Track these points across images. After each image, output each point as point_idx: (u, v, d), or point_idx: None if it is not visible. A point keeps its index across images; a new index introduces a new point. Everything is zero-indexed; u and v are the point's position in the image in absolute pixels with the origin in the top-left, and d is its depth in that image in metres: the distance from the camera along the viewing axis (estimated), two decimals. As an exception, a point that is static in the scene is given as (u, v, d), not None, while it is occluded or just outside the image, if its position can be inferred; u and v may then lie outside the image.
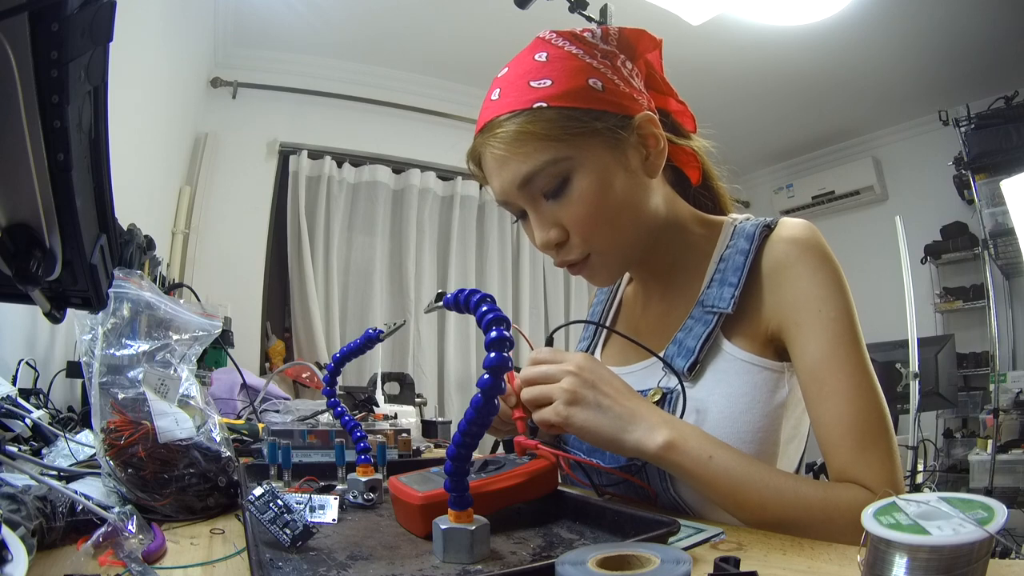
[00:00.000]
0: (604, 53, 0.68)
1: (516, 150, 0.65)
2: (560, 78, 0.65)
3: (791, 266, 0.66)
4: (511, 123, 0.65)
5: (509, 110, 0.65)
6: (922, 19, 2.75)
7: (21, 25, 0.37)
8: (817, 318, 0.63)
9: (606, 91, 0.66)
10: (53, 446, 0.77)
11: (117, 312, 0.66)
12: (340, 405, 0.74)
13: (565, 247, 0.70)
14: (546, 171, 0.65)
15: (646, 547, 0.39)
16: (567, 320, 3.63)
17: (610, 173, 0.66)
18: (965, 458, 3.09)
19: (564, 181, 0.66)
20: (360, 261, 3.22)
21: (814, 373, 0.62)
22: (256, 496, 0.50)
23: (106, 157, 0.48)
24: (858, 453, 0.59)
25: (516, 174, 0.66)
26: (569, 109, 0.64)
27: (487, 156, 0.69)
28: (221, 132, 2.95)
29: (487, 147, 0.68)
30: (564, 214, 0.67)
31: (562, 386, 0.59)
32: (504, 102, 0.66)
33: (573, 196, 0.66)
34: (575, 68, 0.65)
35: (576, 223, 0.67)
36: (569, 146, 0.64)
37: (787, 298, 0.65)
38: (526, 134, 0.64)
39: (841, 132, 3.86)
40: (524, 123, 0.64)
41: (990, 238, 3.12)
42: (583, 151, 0.65)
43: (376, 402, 1.95)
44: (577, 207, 0.66)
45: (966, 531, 0.31)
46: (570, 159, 0.65)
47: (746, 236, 0.70)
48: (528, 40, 0.71)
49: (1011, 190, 2.75)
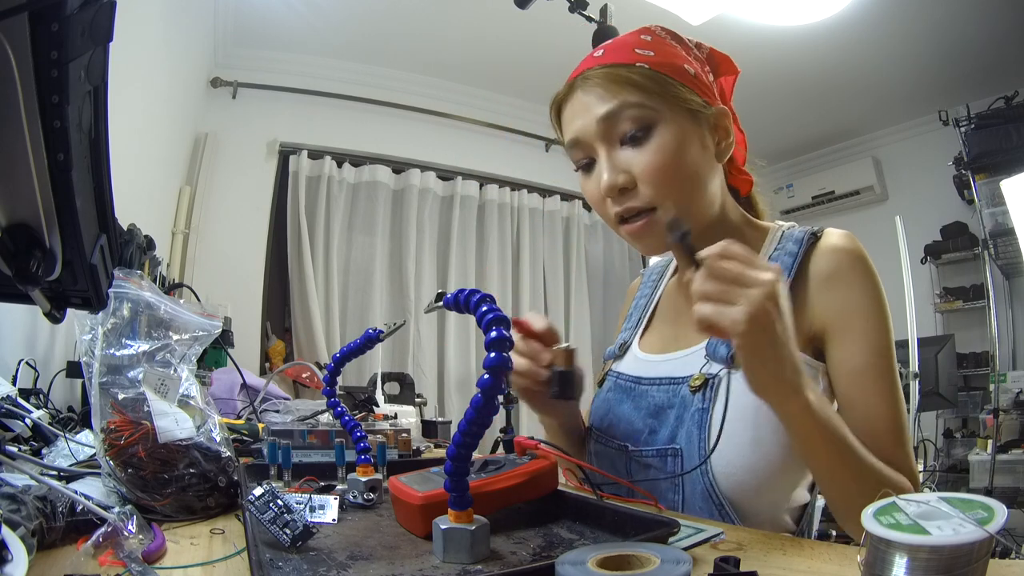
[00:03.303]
0: (696, 57, 0.75)
1: (610, 87, 0.69)
2: (661, 53, 0.71)
3: (843, 274, 0.69)
4: (612, 68, 0.70)
5: (611, 62, 0.71)
6: (922, 19, 2.75)
7: (21, 25, 0.37)
8: (864, 325, 0.67)
9: (697, 78, 0.72)
10: (53, 446, 0.77)
11: (117, 312, 0.66)
12: (340, 405, 0.74)
13: (630, 194, 0.71)
14: (632, 112, 0.69)
15: (646, 547, 0.39)
16: (567, 320, 3.63)
17: (688, 140, 0.70)
18: (965, 458, 3.09)
19: (646, 129, 0.69)
20: (360, 261, 3.22)
21: (858, 377, 0.66)
22: (256, 496, 0.50)
23: (106, 157, 0.48)
24: (896, 449, 0.64)
25: (604, 108, 0.69)
26: (665, 76, 0.70)
27: (575, 96, 0.72)
28: (221, 132, 2.95)
29: (579, 87, 0.72)
30: (638, 161, 0.69)
31: (752, 299, 0.52)
32: (607, 58, 0.72)
33: (652, 146, 0.69)
34: (675, 53, 0.73)
35: (650, 173, 0.69)
36: (659, 101, 0.69)
37: (837, 303, 0.68)
38: (624, 78, 0.69)
39: (841, 132, 3.86)
40: (623, 71, 0.69)
41: (990, 238, 3.12)
42: (670, 111, 0.69)
43: (376, 402, 1.95)
44: (655, 157, 0.69)
45: (966, 531, 0.31)
46: (657, 111, 0.69)
47: (794, 240, 0.73)
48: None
49: (1011, 190, 2.75)
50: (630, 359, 0.85)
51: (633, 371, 0.82)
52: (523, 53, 3.01)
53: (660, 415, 0.74)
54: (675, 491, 0.70)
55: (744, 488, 0.66)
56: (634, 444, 0.75)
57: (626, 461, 0.76)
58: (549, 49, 2.94)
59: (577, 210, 3.78)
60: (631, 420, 0.77)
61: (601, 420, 0.82)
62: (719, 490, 0.67)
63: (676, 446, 0.70)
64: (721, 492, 0.67)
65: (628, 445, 0.75)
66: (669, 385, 0.75)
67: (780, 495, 0.70)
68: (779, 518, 0.70)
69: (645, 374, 0.79)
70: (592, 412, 0.86)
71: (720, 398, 0.67)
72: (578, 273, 3.73)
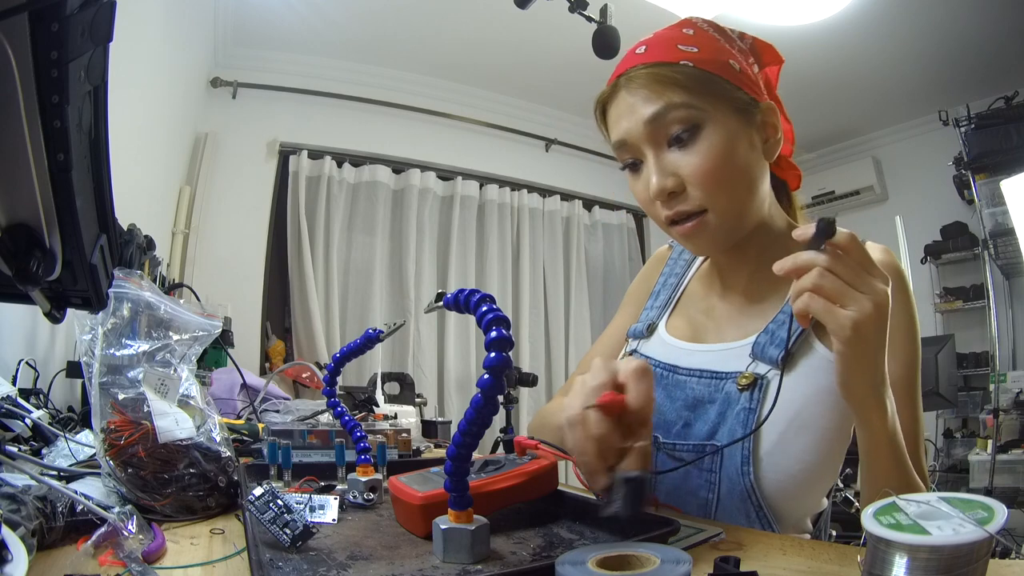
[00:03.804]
0: (739, 49, 0.73)
1: (655, 88, 0.68)
2: (705, 48, 0.69)
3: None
4: (656, 68, 0.68)
5: (654, 60, 0.69)
6: (922, 19, 2.75)
7: (21, 25, 0.37)
8: (899, 343, 0.66)
9: (742, 73, 0.70)
10: (53, 446, 0.77)
11: (117, 312, 0.66)
12: (340, 405, 0.74)
13: (679, 197, 0.69)
14: (678, 113, 0.67)
15: (646, 547, 0.39)
16: (566, 320, 3.63)
17: (737, 139, 0.68)
18: (965, 458, 3.09)
19: (693, 130, 0.67)
20: (360, 261, 3.22)
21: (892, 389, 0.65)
22: (256, 496, 0.50)
23: (106, 157, 0.48)
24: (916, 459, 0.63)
25: (651, 109, 0.68)
26: (711, 74, 0.68)
27: (620, 96, 0.71)
28: (221, 132, 2.95)
29: (624, 87, 0.70)
30: (686, 163, 0.68)
31: (864, 307, 0.50)
32: (650, 55, 0.70)
33: (700, 147, 0.67)
34: (719, 47, 0.70)
35: (699, 175, 0.67)
36: (705, 100, 0.67)
37: None
38: (669, 78, 0.67)
39: (841, 132, 3.86)
40: (668, 70, 0.68)
41: (990, 238, 3.12)
42: (716, 111, 0.68)
43: (376, 402, 1.95)
44: (703, 159, 0.67)
45: (966, 531, 0.31)
46: (704, 111, 0.67)
47: None
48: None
49: (1011, 190, 2.75)
50: (657, 342, 0.82)
51: (665, 357, 0.79)
52: (523, 53, 3.02)
53: (698, 408, 0.72)
54: (710, 489, 0.68)
55: (787, 493, 0.66)
56: (665, 436, 0.72)
57: (656, 453, 0.73)
58: (549, 49, 2.95)
59: (577, 210, 3.78)
60: (662, 410, 0.74)
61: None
62: (761, 493, 0.65)
63: (716, 442, 0.68)
64: (763, 495, 0.65)
65: (659, 436, 0.73)
66: (711, 379, 0.72)
67: (815, 501, 0.71)
68: (803, 523, 0.70)
69: (681, 363, 0.76)
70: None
71: (768, 400, 0.66)
72: (578, 273, 3.73)
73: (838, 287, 0.51)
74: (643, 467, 0.48)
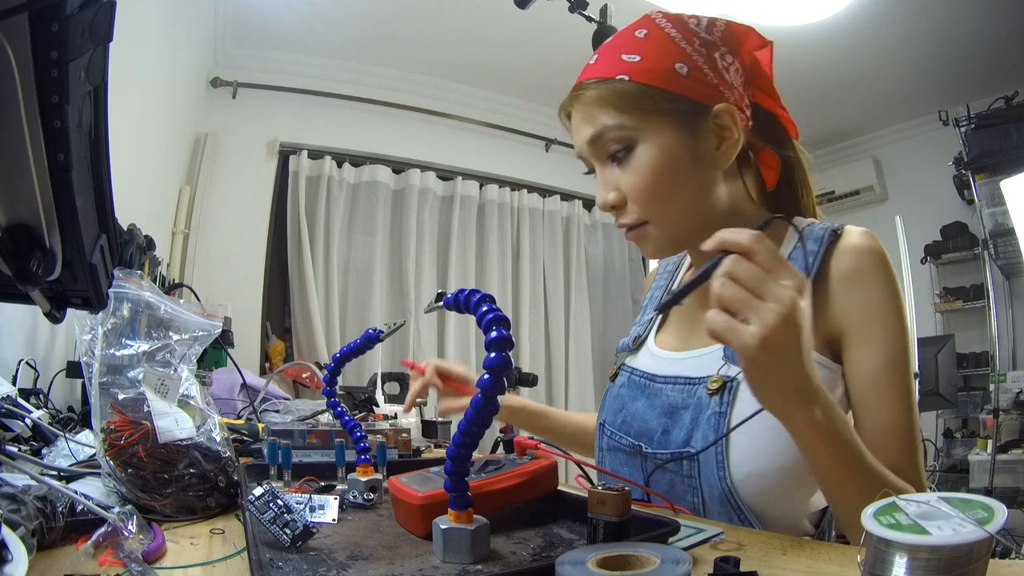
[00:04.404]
0: (703, 42, 0.71)
1: (591, 111, 0.71)
2: (649, 56, 0.69)
3: (862, 275, 0.68)
4: (593, 88, 0.71)
5: (596, 76, 0.71)
6: (922, 19, 2.75)
7: (21, 25, 0.37)
8: (883, 329, 0.66)
9: (690, 77, 0.69)
10: (53, 446, 0.77)
11: (117, 312, 0.66)
12: (340, 405, 0.74)
13: (622, 211, 0.73)
14: (611, 134, 0.70)
15: (646, 547, 0.39)
16: (567, 320, 3.63)
17: (673, 152, 0.69)
18: (965, 458, 3.09)
19: (628, 148, 0.70)
20: (360, 261, 3.22)
21: (875, 379, 0.65)
22: (256, 496, 0.50)
23: (106, 157, 0.48)
24: (905, 454, 0.63)
25: (588, 132, 0.72)
26: (647, 86, 0.68)
27: (572, 111, 0.75)
28: (221, 132, 2.95)
29: (572, 106, 0.74)
30: (623, 180, 0.71)
31: (767, 320, 0.48)
32: (596, 68, 0.72)
33: (634, 164, 0.70)
34: (667, 51, 0.69)
35: (632, 191, 0.71)
36: (637, 118, 0.69)
37: (856, 305, 0.67)
38: (602, 99, 0.70)
39: (841, 132, 3.86)
40: (603, 90, 0.70)
41: (990, 238, 3.12)
42: (650, 126, 0.69)
43: (376, 402, 1.95)
44: (635, 176, 0.70)
45: (966, 531, 0.31)
46: (636, 129, 0.69)
47: (815, 239, 0.71)
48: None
49: (1011, 190, 2.76)
50: (645, 355, 0.84)
51: (648, 367, 0.81)
52: (523, 53, 3.01)
53: (674, 415, 0.73)
54: (695, 493, 0.69)
55: (763, 494, 0.66)
56: (648, 444, 0.74)
57: (642, 461, 0.74)
58: (549, 49, 2.95)
59: (577, 210, 3.78)
60: (645, 418, 0.76)
61: (615, 416, 0.81)
62: (738, 496, 0.66)
63: (691, 449, 0.68)
64: (740, 498, 0.66)
65: (643, 444, 0.74)
66: (685, 385, 0.74)
67: (800, 500, 0.70)
68: (799, 523, 0.70)
69: (660, 371, 0.78)
70: (605, 407, 0.84)
71: (739, 402, 0.66)
72: (578, 273, 3.73)
73: (740, 296, 0.48)
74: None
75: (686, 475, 0.69)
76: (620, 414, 0.80)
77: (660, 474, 0.72)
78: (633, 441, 0.76)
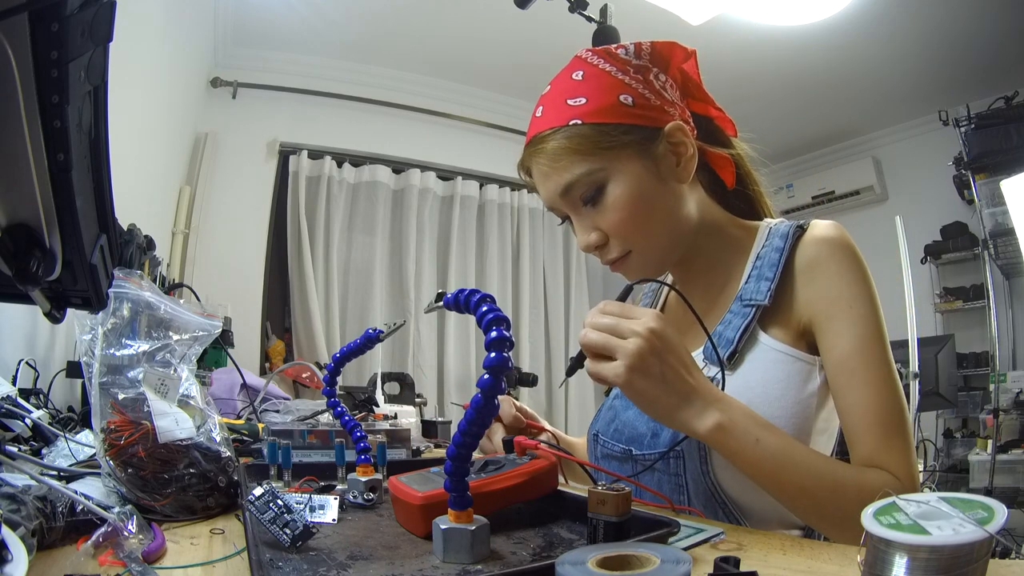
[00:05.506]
0: (636, 68, 0.72)
1: (555, 164, 0.72)
2: (593, 95, 0.70)
3: (824, 263, 0.69)
4: (551, 139, 0.72)
5: (549, 127, 0.72)
6: (922, 19, 2.75)
7: (21, 25, 0.37)
8: (848, 313, 0.67)
9: (636, 105, 0.71)
10: (53, 446, 0.77)
11: (117, 312, 0.66)
12: (340, 405, 0.74)
13: (605, 248, 0.75)
14: (582, 181, 0.71)
15: (646, 547, 0.39)
16: (566, 320, 3.63)
17: (641, 181, 0.71)
18: (965, 458, 3.09)
19: (599, 190, 0.72)
20: (360, 261, 3.22)
21: (845, 364, 0.66)
22: (256, 496, 0.50)
23: (106, 157, 0.48)
24: (884, 441, 0.63)
25: (557, 185, 0.73)
26: (601, 125, 0.70)
27: (533, 168, 0.76)
28: (221, 132, 2.95)
29: (532, 161, 0.75)
30: (601, 219, 0.73)
31: (629, 348, 0.56)
32: (545, 119, 0.73)
33: (608, 203, 0.72)
34: (607, 85, 0.71)
35: (612, 227, 0.73)
36: (602, 158, 0.70)
37: (820, 293, 0.69)
38: (563, 149, 0.71)
39: (841, 132, 3.86)
40: (562, 139, 0.71)
41: (990, 238, 3.12)
42: (615, 162, 0.71)
43: (376, 402, 1.95)
44: (612, 213, 0.72)
45: (966, 531, 0.31)
46: (604, 170, 0.71)
47: (780, 235, 0.74)
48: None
49: (1011, 190, 2.75)
50: None
51: None
52: (523, 53, 3.01)
53: None
54: (680, 491, 0.70)
55: (746, 488, 0.67)
56: (639, 448, 0.75)
57: (632, 465, 0.76)
58: (549, 49, 2.94)
59: (577, 210, 3.78)
60: (635, 424, 0.77)
61: (607, 426, 0.82)
62: (722, 490, 0.67)
63: (678, 448, 0.70)
64: (724, 493, 0.67)
65: (633, 449, 0.75)
66: None
67: None
68: (787, 517, 0.70)
69: None
70: (599, 419, 0.86)
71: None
72: (578, 273, 3.73)
73: (601, 339, 0.58)
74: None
75: (672, 473, 0.71)
76: (613, 423, 0.82)
77: (648, 475, 0.73)
78: (624, 447, 0.77)
